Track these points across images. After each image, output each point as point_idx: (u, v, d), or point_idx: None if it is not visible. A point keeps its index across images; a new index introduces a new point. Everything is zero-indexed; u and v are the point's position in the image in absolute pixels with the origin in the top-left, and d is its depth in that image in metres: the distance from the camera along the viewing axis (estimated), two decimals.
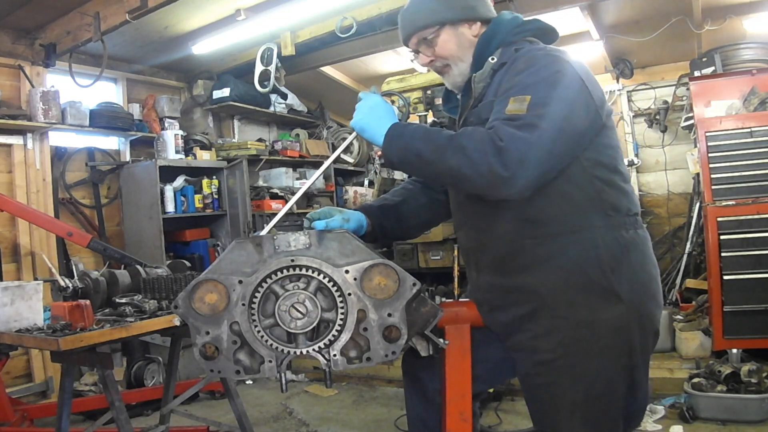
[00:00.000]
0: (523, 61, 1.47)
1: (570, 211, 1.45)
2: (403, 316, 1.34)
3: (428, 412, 1.70)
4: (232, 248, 1.37)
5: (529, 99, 1.36)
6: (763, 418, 2.96)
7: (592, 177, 1.45)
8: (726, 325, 3.50)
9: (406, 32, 1.66)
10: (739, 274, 3.48)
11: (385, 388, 4.20)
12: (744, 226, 3.51)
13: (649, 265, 1.52)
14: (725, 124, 3.72)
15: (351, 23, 4.61)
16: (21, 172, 4.25)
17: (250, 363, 1.35)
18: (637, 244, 1.50)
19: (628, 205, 1.50)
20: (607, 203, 1.46)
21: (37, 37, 4.34)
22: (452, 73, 1.65)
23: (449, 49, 1.61)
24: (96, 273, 2.64)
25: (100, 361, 2.19)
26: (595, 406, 1.45)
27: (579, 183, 1.44)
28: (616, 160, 1.52)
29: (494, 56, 1.56)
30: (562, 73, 1.41)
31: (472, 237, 1.64)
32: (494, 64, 1.55)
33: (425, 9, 1.61)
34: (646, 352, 1.50)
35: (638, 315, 1.46)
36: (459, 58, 1.62)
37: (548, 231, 1.46)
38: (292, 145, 6.03)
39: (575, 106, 1.39)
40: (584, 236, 1.45)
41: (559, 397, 1.47)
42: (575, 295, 1.45)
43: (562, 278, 1.45)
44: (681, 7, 4.35)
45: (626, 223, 1.48)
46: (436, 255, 4.60)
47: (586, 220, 1.45)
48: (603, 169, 1.47)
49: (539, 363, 1.49)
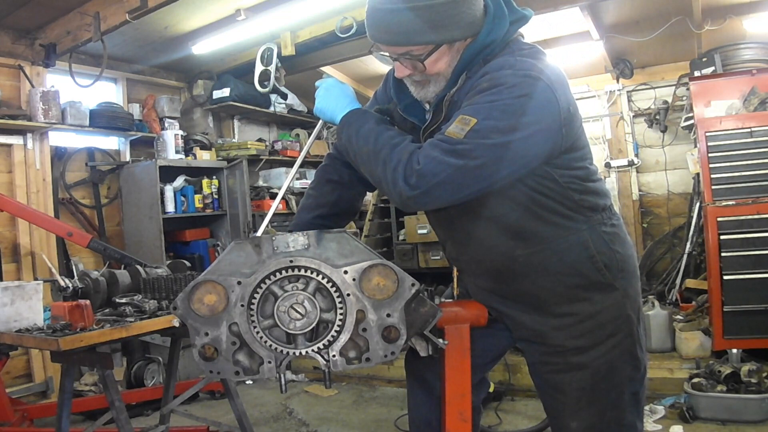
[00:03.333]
0: (487, 79, 1.32)
1: (554, 221, 1.47)
2: (402, 317, 1.34)
3: (433, 412, 1.70)
4: (230, 249, 1.38)
5: (473, 123, 1.25)
6: (763, 418, 2.96)
7: (568, 190, 1.45)
8: (726, 325, 3.49)
9: (388, 38, 1.37)
10: (739, 274, 3.48)
11: (385, 388, 4.20)
12: (744, 226, 3.51)
13: (628, 248, 1.56)
14: (725, 124, 3.72)
15: (351, 23, 4.61)
16: (21, 172, 4.25)
17: (250, 364, 1.35)
18: (617, 234, 1.53)
19: (601, 202, 1.52)
20: (584, 207, 1.48)
21: (37, 37, 4.34)
22: (426, 89, 1.47)
23: (438, 68, 1.41)
24: (96, 273, 2.64)
25: (100, 361, 2.20)
26: (602, 390, 1.50)
27: (557, 197, 1.45)
28: (587, 168, 1.50)
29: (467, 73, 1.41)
30: (528, 97, 1.27)
31: (461, 251, 1.64)
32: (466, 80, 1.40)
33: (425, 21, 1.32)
34: (640, 326, 1.56)
35: (629, 296, 1.53)
36: (443, 76, 1.44)
37: (537, 242, 1.48)
38: (292, 145, 6.03)
39: (533, 135, 1.29)
40: (572, 240, 1.47)
41: (566, 383, 1.52)
42: (576, 294, 1.50)
43: (560, 282, 1.49)
44: (681, 7, 4.35)
45: (603, 219, 1.51)
46: (436, 255, 4.60)
47: (570, 226, 1.47)
48: (577, 181, 1.47)
49: (547, 353, 1.54)
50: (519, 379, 3.72)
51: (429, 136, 1.44)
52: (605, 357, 1.49)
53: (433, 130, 1.45)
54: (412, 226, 4.58)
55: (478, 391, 1.73)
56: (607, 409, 1.51)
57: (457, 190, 1.30)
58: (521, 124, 1.27)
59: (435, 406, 1.69)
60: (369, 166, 1.40)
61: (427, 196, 1.29)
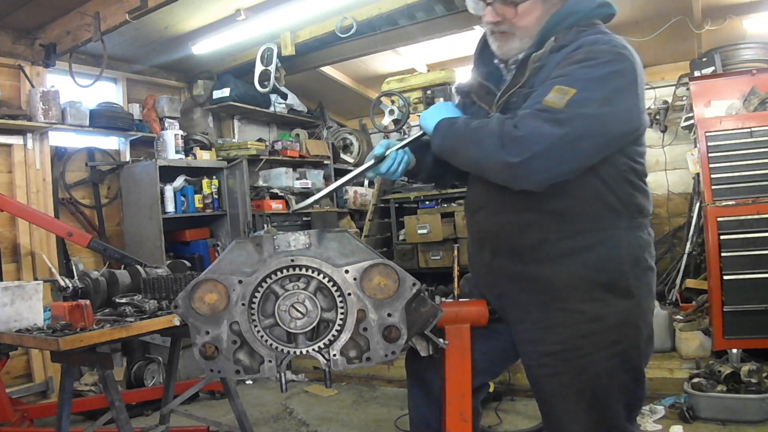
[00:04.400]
0: (583, 51, 1.37)
1: (600, 211, 1.45)
2: (402, 316, 1.34)
3: (433, 412, 1.70)
4: (231, 248, 1.38)
5: (572, 93, 1.30)
6: (763, 418, 2.96)
7: (625, 181, 1.45)
8: (726, 325, 3.49)
9: None
10: (739, 274, 3.48)
11: (385, 388, 4.20)
12: (744, 226, 3.51)
13: (653, 263, 1.55)
14: (725, 124, 3.72)
15: (351, 23, 4.61)
16: (21, 172, 4.25)
17: (250, 363, 1.35)
18: (650, 245, 1.53)
19: (647, 207, 1.52)
20: (634, 206, 1.48)
21: (37, 37, 4.34)
22: (510, 44, 1.51)
23: (527, 21, 1.46)
24: (96, 273, 2.64)
25: (100, 361, 2.19)
26: (601, 396, 1.47)
27: (612, 186, 1.44)
28: (643, 165, 1.52)
29: (556, 37, 1.44)
30: (619, 74, 1.34)
31: (492, 221, 1.59)
32: (554, 46, 1.44)
33: None
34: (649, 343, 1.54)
35: (642, 308, 1.50)
36: (529, 32, 1.48)
37: (575, 227, 1.46)
38: (292, 145, 6.03)
39: (620, 111, 1.34)
40: (610, 236, 1.45)
41: (565, 386, 1.49)
42: (592, 292, 1.46)
43: (582, 274, 1.46)
44: (681, 7, 4.35)
45: (644, 225, 1.51)
46: (436, 255, 4.60)
47: (613, 221, 1.46)
48: (635, 175, 1.47)
49: (546, 354, 1.50)
50: (519, 379, 3.71)
51: (507, 100, 1.49)
52: (606, 364, 1.46)
53: (513, 93, 1.48)
54: (412, 226, 4.58)
55: (477, 394, 1.71)
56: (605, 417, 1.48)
57: (557, 164, 1.32)
58: (616, 99, 1.32)
59: (435, 406, 1.68)
60: (466, 152, 1.43)
61: (529, 166, 1.31)
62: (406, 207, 4.96)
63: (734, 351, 3.23)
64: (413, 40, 5.10)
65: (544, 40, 1.45)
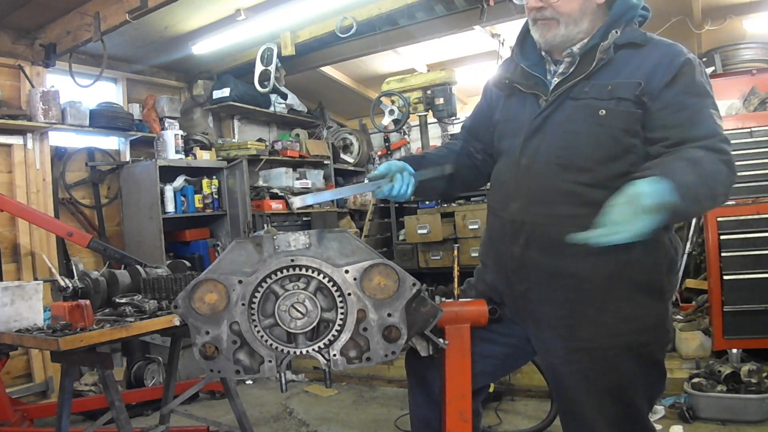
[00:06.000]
0: (680, 63, 1.44)
1: None
2: (402, 316, 1.34)
3: (433, 412, 1.70)
4: (232, 248, 1.38)
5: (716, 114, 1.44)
6: (763, 418, 2.96)
7: None
8: (726, 325, 3.49)
9: None
10: (739, 274, 3.48)
11: (385, 388, 4.20)
12: (744, 226, 3.50)
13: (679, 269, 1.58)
14: (725, 124, 3.68)
15: (351, 23, 4.61)
16: (21, 172, 4.25)
17: (250, 363, 1.35)
18: (680, 245, 1.57)
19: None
20: None
21: (37, 37, 4.34)
22: (554, 31, 1.50)
23: (570, 8, 1.47)
24: (96, 273, 2.64)
25: (100, 361, 2.19)
26: (627, 392, 1.48)
27: None
28: None
29: (618, 31, 1.46)
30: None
31: (529, 211, 1.54)
32: (623, 43, 1.46)
33: None
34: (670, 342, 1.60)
35: (669, 311, 1.53)
36: (574, 20, 1.48)
37: None
38: (292, 145, 6.03)
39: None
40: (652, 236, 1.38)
41: (591, 382, 1.48)
42: (627, 291, 1.46)
43: (620, 273, 1.45)
44: (681, 7, 4.35)
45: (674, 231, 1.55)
46: (436, 255, 4.60)
47: None
48: None
49: (574, 350, 1.49)
50: (519, 379, 3.71)
51: (569, 89, 1.48)
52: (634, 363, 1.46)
53: (577, 81, 1.47)
54: (412, 226, 4.58)
55: (478, 395, 1.71)
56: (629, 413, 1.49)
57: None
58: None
59: (435, 406, 1.68)
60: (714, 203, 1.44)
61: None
62: (406, 207, 4.96)
63: (734, 351, 3.23)
64: (413, 40, 5.10)
65: (608, 31, 1.47)
